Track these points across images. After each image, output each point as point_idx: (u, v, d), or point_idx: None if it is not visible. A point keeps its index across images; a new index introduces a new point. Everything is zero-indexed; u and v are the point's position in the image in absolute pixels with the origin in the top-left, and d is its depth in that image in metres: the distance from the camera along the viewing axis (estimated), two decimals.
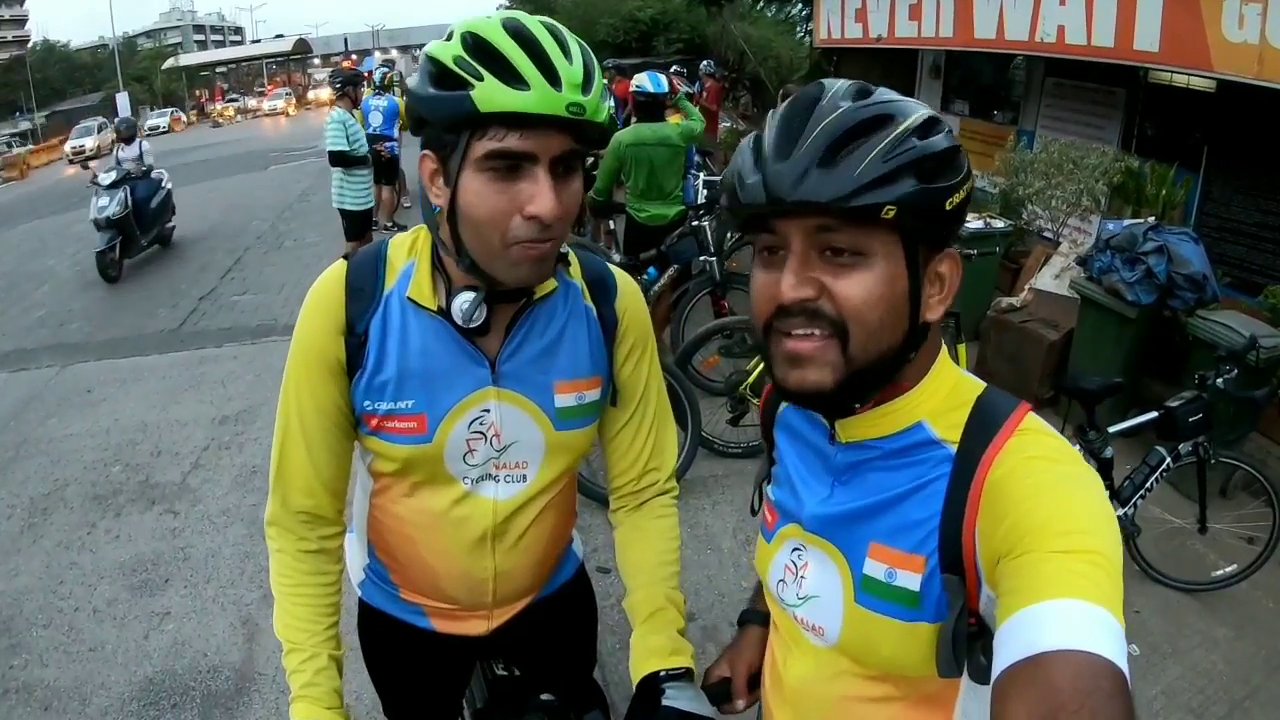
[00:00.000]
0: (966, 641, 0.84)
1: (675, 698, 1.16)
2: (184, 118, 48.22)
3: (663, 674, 1.19)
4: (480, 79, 0.96)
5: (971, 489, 0.82)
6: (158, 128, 43.85)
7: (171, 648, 3.07)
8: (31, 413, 5.46)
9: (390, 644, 1.41)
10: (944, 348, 0.93)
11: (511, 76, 0.96)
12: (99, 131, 32.82)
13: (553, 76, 0.97)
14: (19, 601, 3.41)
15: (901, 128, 0.79)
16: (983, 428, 0.85)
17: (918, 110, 0.82)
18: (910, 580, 0.87)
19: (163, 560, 3.62)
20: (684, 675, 1.19)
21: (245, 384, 5.62)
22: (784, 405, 1.09)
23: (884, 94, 0.84)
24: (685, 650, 1.22)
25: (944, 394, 0.90)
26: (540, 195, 0.99)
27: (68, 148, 32.35)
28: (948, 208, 0.81)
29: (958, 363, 0.94)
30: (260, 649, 3.01)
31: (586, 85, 0.99)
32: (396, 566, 1.32)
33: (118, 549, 3.75)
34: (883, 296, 0.80)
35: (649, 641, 1.23)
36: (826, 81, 0.85)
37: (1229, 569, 3.29)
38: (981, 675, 0.82)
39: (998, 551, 0.76)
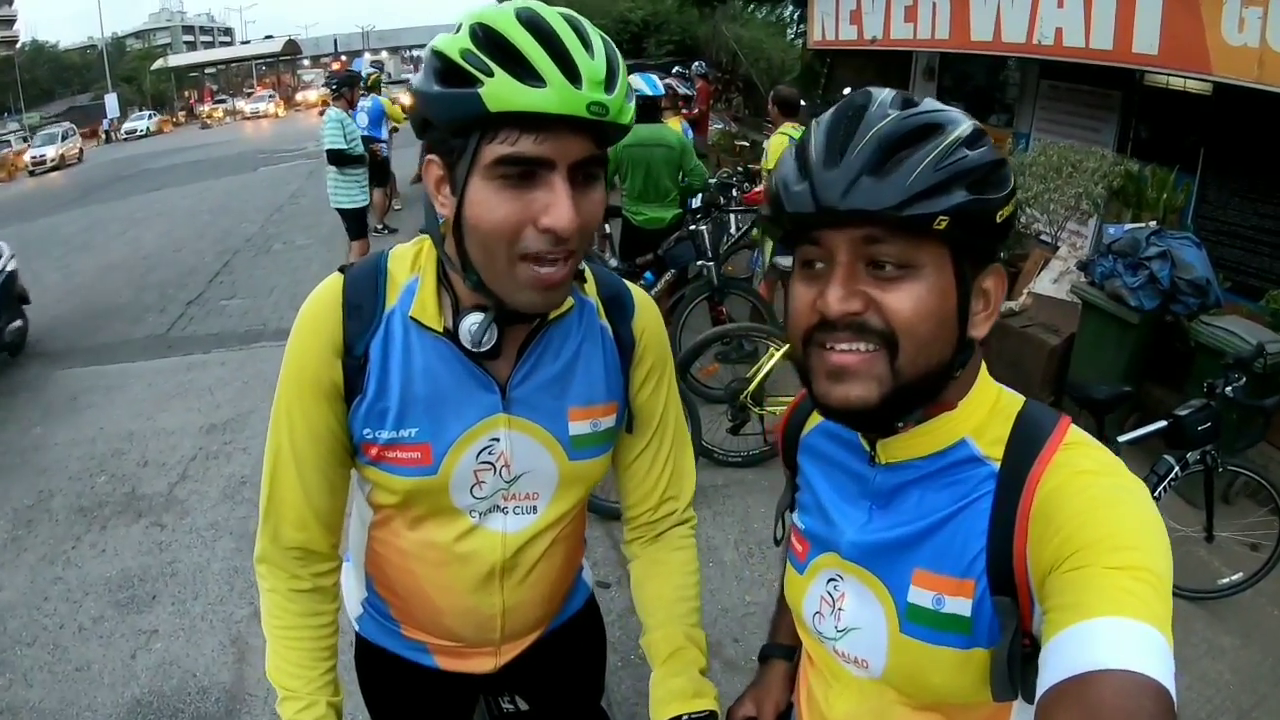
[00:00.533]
0: (1021, 663, 0.81)
1: None
2: (170, 119, 47.92)
3: (685, 718, 1.13)
4: (491, 75, 0.87)
5: (1020, 506, 0.80)
6: (136, 131, 42.17)
7: (159, 667, 3.00)
8: (15, 421, 5.36)
9: (391, 681, 1.34)
10: (984, 363, 0.90)
11: (526, 72, 0.86)
12: (63, 139, 30.32)
13: (572, 72, 0.87)
14: (2, 619, 3.33)
15: (952, 137, 0.77)
16: (1027, 443, 0.83)
17: (965, 121, 0.79)
18: (961, 606, 0.84)
19: (149, 575, 3.54)
20: (707, 719, 1.13)
21: (234, 391, 5.53)
22: (807, 429, 1.05)
23: (930, 103, 0.81)
24: (708, 692, 1.16)
25: (986, 409, 0.88)
26: (557, 205, 0.90)
27: (27, 157, 29.12)
28: (998, 220, 0.79)
29: None
30: (251, 669, 2.94)
31: (610, 83, 0.90)
32: (397, 602, 1.25)
33: (104, 564, 3.66)
34: (933, 310, 0.78)
35: (670, 684, 1.17)
36: (873, 90, 0.82)
37: (1235, 577, 3.27)
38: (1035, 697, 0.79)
39: (1047, 567, 0.75)
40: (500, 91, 0.86)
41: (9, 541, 3.90)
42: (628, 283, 1.24)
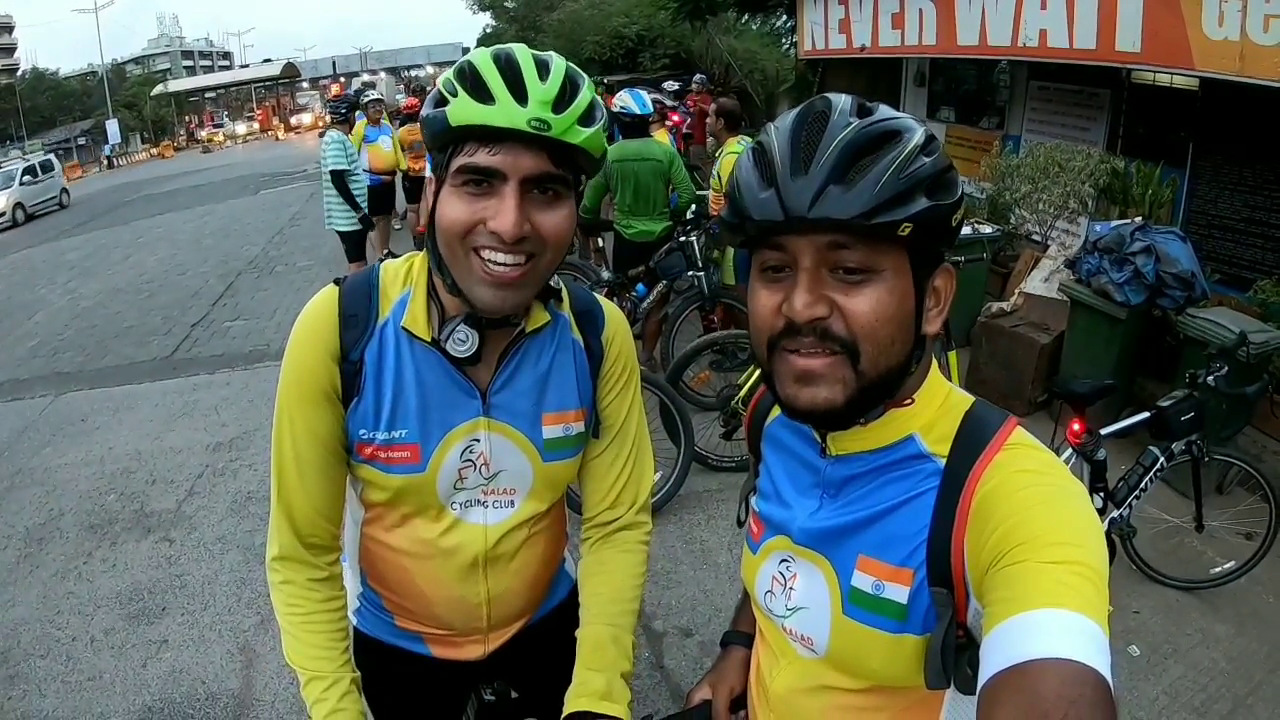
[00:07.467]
0: (954, 654, 0.84)
1: None
2: (172, 143, 47.57)
3: (589, 715, 1.17)
4: (456, 95, 1.01)
5: (960, 503, 0.83)
6: None
7: (169, 676, 3.05)
8: (26, 442, 5.44)
9: (388, 671, 1.40)
10: (935, 361, 0.93)
11: (481, 93, 1.00)
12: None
13: (520, 93, 1.00)
14: (16, 632, 3.39)
15: (911, 144, 0.80)
16: (971, 441, 0.86)
17: (918, 128, 0.82)
18: (898, 593, 0.87)
19: (159, 588, 3.61)
20: None
21: (238, 410, 5.61)
22: (770, 419, 1.09)
23: (884, 110, 0.84)
24: (621, 699, 1.19)
25: (935, 407, 0.90)
26: (504, 212, 1.01)
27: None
28: (952, 224, 0.83)
29: (948, 370, 0.94)
30: (258, 675, 2.97)
31: (559, 105, 1.01)
32: (390, 594, 1.32)
33: (114, 578, 3.73)
34: (892, 313, 0.81)
35: (585, 678, 1.21)
36: (832, 96, 0.85)
37: (1227, 565, 3.29)
38: (968, 686, 0.81)
39: (986, 562, 0.77)
40: (459, 109, 1.00)
41: (22, 559, 3.97)
42: (599, 298, 1.34)
